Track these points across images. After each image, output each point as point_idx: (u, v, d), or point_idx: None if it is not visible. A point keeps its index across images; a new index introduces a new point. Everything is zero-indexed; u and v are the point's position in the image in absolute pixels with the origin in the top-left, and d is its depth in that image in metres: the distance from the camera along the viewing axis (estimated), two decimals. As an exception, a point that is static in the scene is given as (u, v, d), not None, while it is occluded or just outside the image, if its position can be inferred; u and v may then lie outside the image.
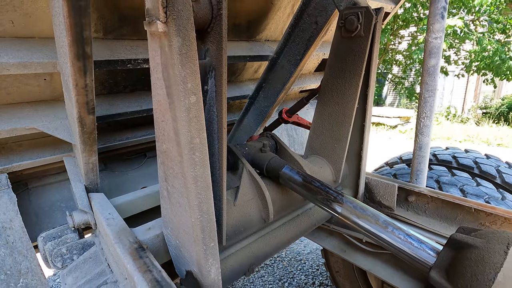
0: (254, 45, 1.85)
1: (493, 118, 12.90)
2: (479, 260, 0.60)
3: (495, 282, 0.56)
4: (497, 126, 9.91)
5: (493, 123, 11.28)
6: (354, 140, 1.31)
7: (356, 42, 1.13)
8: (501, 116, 12.75)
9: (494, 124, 10.78)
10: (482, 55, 10.45)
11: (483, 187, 1.56)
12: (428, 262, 0.70)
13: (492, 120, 11.82)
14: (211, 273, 0.82)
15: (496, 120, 12.42)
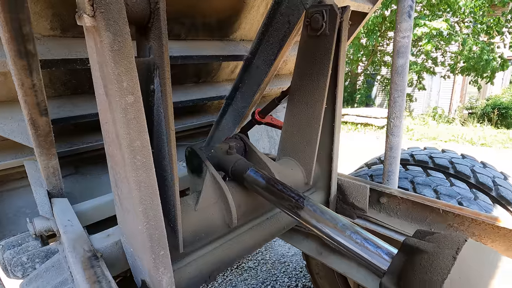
0: (228, 44, 1.81)
1: (478, 118, 13.17)
2: (428, 266, 0.57)
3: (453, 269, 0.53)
4: (481, 126, 10.12)
5: (478, 123, 11.51)
6: (324, 141, 1.29)
7: (322, 41, 1.10)
8: (485, 116, 13.03)
9: (478, 124, 11.00)
10: (467, 55, 10.66)
11: (456, 187, 1.55)
12: (383, 267, 0.67)
13: (477, 121, 12.07)
14: (163, 283, 0.78)
15: (481, 120, 12.69)
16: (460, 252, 0.57)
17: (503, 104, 14.83)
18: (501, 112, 14.16)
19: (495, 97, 16.53)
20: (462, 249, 0.58)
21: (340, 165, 1.39)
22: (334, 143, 1.27)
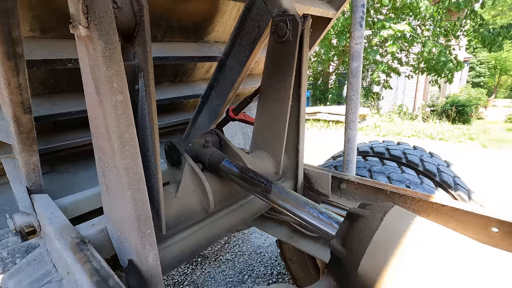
0: (203, 46, 1.92)
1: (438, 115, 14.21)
2: (363, 227, 0.74)
3: (371, 242, 0.69)
4: (440, 123, 10.96)
5: (437, 119, 12.44)
6: (291, 135, 1.44)
7: (286, 47, 1.25)
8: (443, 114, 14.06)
9: (438, 120, 11.88)
10: (427, 57, 11.47)
11: (406, 174, 1.78)
12: (333, 233, 0.83)
13: (437, 117, 13.04)
14: (149, 258, 0.89)
15: (440, 117, 13.71)
16: (387, 214, 0.74)
17: (460, 102, 16.07)
18: (458, 110, 15.35)
19: (454, 96, 17.88)
20: (388, 212, 0.75)
21: (312, 160, 1.55)
22: (300, 137, 1.44)
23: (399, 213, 0.75)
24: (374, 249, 0.69)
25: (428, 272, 0.63)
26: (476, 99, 17.56)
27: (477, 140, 7.27)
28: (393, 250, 0.67)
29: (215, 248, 3.32)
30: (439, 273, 0.62)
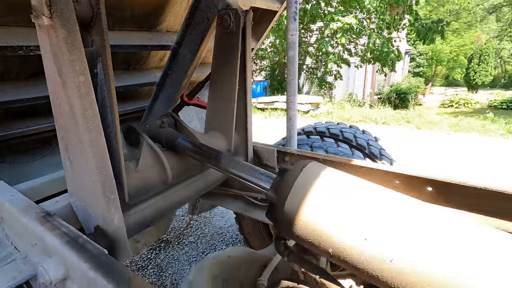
0: (156, 35, 2.01)
1: (383, 102, 15.55)
2: (288, 176, 0.96)
3: (293, 186, 0.92)
4: (384, 108, 12.06)
5: (382, 106, 13.68)
6: (240, 115, 1.64)
7: (231, 37, 1.43)
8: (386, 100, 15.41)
9: (382, 107, 13.03)
10: (372, 48, 12.44)
11: (341, 148, 2.10)
12: (269, 187, 1.05)
13: (382, 104, 14.32)
14: (115, 220, 1.03)
15: (385, 104, 15.05)
16: (306, 167, 0.98)
17: (402, 90, 17.68)
18: (400, 97, 16.92)
19: (397, 84, 19.60)
20: (307, 165, 0.98)
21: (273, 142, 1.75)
22: (248, 117, 1.64)
23: (315, 166, 0.99)
24: (295, 191, 0.92)
25: (331, 201, 0.87)
26: (415, 87, 19.48)
27: (413, 123, 8.25)
28: (308, 190, 0.91)
29: (177, 233, 3.45)
30: (339, 202, 0.86)
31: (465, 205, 1.28)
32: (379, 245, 0.78)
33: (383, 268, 0.78)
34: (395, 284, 0.78)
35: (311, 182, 0.92)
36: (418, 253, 0.74)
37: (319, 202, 0.88)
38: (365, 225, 0.81)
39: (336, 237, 0.85)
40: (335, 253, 0.86)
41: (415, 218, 0.79)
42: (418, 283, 0.74)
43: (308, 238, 0.91)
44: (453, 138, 7.10)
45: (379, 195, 0.87)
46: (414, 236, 0.76)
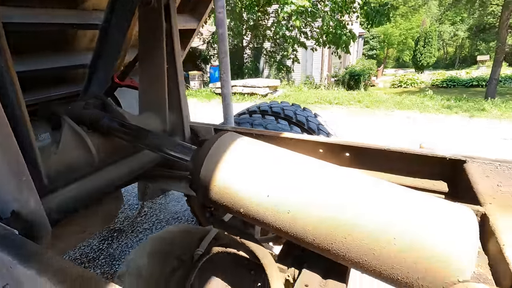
0: (82, 13, 1.89)
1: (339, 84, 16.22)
2: (205, 146, 1.01)
3: (208, 154, 0.97)
4: (338, 90, 12.62)
5: (339, 87, 14.30)
6: (173, 94, 1.64)
7: (154, 14, 1.41)
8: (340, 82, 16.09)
9: (337, 88, 13.61)
10: (326, 30, 12.78)
11: (280, 124, 2.20)
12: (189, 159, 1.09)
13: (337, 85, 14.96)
14: (30, 203, 1.00)
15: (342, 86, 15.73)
16: (221, 137, 1.03)
17: (356, 71, 18.51)
18: (354, 78, 17.75)
19: (351, 67, 20.48)
20: (223, 135, 1.04)
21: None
22: (181, 96, 1.64)
23: (231, 135, 1.05)
24: (209, 159, 0.97)
25: (240, 165, 0.94)
26: (368, 69, 20.52)
27: (363, 102, 8.78)
28: (221, 157, 0.97)
29: (130, 221, 3.40)
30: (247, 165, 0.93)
31: (376, 166, 1.44)
32: (279, 200, 0.87)
33: (284, 219, 0.88)
34: (294, 232, 0.88)
35: (224, 150, 0.98)
36: (310, 203, 0.84)
37: (230, 167, 0.95)
38: (267, 184, 0.89)
39: (245, 197, 0.92)
40: (246, 212, 0.94)
41: (310, 175, 0.89)
42: (312, 228, 0.84)
43: (223, 202, 0.97)
44: (395, 114, 7.73)
45: (282, 158, 0.95)
46: (308, 189, 0.86)
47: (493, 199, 0.93)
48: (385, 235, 0.76)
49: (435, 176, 1.32)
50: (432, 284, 0.72)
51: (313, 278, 0.95)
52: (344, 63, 22.19)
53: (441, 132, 6.53)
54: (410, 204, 0.78)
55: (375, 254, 0.77)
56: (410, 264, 0.73)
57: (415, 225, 0.74)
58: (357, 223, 0.78)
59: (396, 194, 0.82)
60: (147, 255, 1.45)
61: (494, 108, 7.94)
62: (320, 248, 0.86)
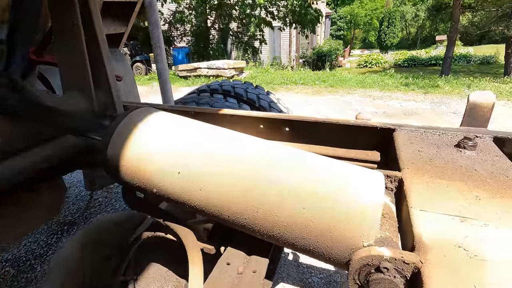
0: (-14, -22, 1.63)
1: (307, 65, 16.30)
2: (113, 123, 0.91)
3: (114, 133, 0.87)
4: (304, 70, 12.68)
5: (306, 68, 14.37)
6: (98, 71, 1.48)
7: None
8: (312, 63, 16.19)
9: (303, 69, 13.68)
10: (292, 9, 12.62)
11: (228, 103, 2.12)
12: (102, 138, 0.98)
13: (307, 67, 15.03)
14: None
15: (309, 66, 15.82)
16: (133, 112, 0.93)
17: (323, 52, 18.67)
18: (322, 59, 17.92)
19: (319, 47, 20.61)
20: (134, 111, 0.94)
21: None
22: (108, 71, 1.49)
23: (144, 110, 0.96)
24: (116, 136, 0.88)
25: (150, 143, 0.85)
26: (335, 49, 20.78)
27: (327, 82, 8.91)
28: (130, 134, 0.87)
29: (82, 213, 3.21)
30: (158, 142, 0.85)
31: (314, 140, 1.42)
32: (190, 177, 0.81)
33: (198, 197, 0.82)
34: (210, 210, 0.82)
35: (133, 126, 0.89)
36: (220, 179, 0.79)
37: (138, 145, 0.86)
38: (178, 161, 0.82)
39: (157, 176, 0.84)
40: (159, 191, 0.87)
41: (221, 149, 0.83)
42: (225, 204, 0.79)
43: (135, 182, 0.89)
44: (357, 92, 7.95)
45: (194, 132, 0.88)
46: (218, 165, 0.80)
47: (411, 164, 0.94)
48: (294, 206, 0.72)
49: (368, 147, 1.32)
50: (340, 251, 0.71)
51: (236, 255, 0.92)
52: (311, 43, 22.27)
53: (397, 108, 6.83)
54: (318, 173, 0.75)
55: (286, 226, 0.74)
56: (318, 233, 0.71)
57: (323, 193, 0.72)
58: (266, 196, 0.74)
59: (305, 163, 0.78)
60: (78, 247, 1.35)
61: (446, 85, 8.42)
62: (236, 224, 0.82)
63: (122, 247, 1.30)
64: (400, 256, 0.62)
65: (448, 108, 6.67)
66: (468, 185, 0.81)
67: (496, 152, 1.01)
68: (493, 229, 0.64)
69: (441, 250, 0.60)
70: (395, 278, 0.62)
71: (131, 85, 2.66)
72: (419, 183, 0.82)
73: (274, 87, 8.72)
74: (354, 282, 0.68)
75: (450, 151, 1.02)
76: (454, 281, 0.54)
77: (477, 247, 0.59)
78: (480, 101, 1.16)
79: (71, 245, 1.36)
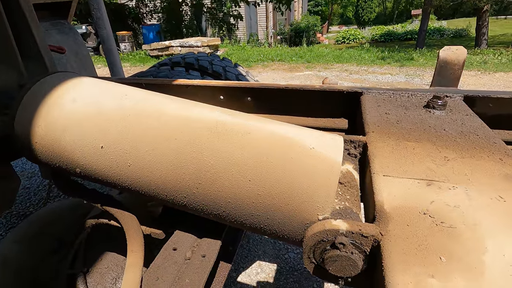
0: None
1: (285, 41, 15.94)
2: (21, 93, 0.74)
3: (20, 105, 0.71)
4: (281, 47, 12.39)
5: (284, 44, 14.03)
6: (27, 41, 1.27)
7: None
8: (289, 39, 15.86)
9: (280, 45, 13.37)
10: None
11: (190, 76, 1.94)
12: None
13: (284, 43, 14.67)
14: None
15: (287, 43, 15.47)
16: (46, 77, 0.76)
17: (301, 28, 18.31)
18: (299, 35, 17.60)
19: (296, 23, 20.17)
20: (48, 76, 0.77)
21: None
22: (38, 41, 1.28)
23: (63, 75, 0.79)
24: (24, 106, 0.71)
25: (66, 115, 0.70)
26: (313, 25, 20.41)
27: (304, 58, 8.74)
28: (41, 106, 0.71)
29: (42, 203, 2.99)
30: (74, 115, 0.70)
31: (279, 109, 1.30)
32: (115, 151, 0.67)
33: (128, 174, 0.68)
34: (145, 189, 0.70)
35: (44, 96, 0.72)
36: (152, 152, 0.65)
37: (52, 117, 0.70)
38: (99, 133, 0.68)
39: (76, 153, 0.70)
40: (84, 171, 0.72)
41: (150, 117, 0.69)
42: (160, 182, 0.67)
43: (54, 162, 0.74)
44: (334, 67, 7.87)
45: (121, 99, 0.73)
46: (148, 136, 0.66)
47: (377, 127, 0.84)
48: (238, 178, 0.61)
49: (336, 114, 1.22)
50: (293, 227, 0.61)
51: (184, 239, 0.81)
52: (289, 20, 21.73)
53: (374, 82, 6.84)
54: (266, 140, 0.64)
55: (231, 203, 0.63)
56: (267, 208, 0.61)
57: (270, 162, 0.60)
58: (206, 170, 0.62)
59: (250, 130, 0.66)
60: (16, 242, 1.20)
61: (421, 57, 8.50)
62: (176, 204, 0.70)
63: (67, 239, 1.16)
64: (357, 229, 0.52)
65: (422, 80, 6.75)
66: (437, 146, 0.73)
67: (467, 111, 0.94)
68: (462, 191, 0.56)
69: (404, 219, 0.51)
70: (352, 255, 0.53)
71: (85, 61, 2.40)
72: (383, 147, 0.73)
73: (251, 64, 8.44)
74: (309, 261, 0.59)
75: (419, 112, 0.94)
76: (417, 253, 0.45)
77: (443, 213, 0.51)
78: (451, 58, 1.07)
79: (9, 240, 1.20)
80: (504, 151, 0.69)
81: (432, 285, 0.40)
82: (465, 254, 0.44)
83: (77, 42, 2.37)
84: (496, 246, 0.45)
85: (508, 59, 8.06)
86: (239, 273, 2.24)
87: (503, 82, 6.26)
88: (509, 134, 1.02)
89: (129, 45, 11.91)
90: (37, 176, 3.53)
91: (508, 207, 0.52)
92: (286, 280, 2.15)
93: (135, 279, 0.68)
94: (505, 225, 0.48)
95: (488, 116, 1.02)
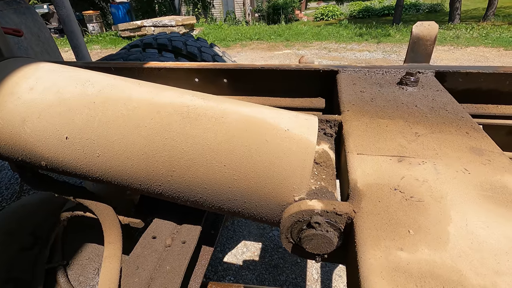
0: None
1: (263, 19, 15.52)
2: None
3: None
4: (260, 25, 12.08)
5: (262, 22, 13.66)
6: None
7: None
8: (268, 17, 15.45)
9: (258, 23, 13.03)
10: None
11: (163, 58, 1.86)
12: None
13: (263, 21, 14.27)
14: None
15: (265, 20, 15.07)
16: None
17: (279, 5, 17.83)
18: (278, 12, 17.17)
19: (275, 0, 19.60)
20: (1, 63, 0.71)
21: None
22: (-11, 22, 1.16)
23: (20, 60, 0.73)
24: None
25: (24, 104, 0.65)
26: (291, 1, 19.91)
27: (283, 36, 8.58)
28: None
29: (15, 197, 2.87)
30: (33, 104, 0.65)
31: (255, 91, 1.28)
32: (82, 141, 0.64)
33: (97, 164, 0.65)
34: (117, 179, 0.67)
35: (-1, 83, 0.66)
36: (122, 140, 0.63)
37: (9, 107, 0.65)
38: (62, 123, 0.64)
39: (40, 145, 0.66)
40: (50, 164, 0.69)
41: (118, 103, 0.65)
42: (132, 171, 0.64)
43: (16, 156, 0.70)
44: (313, 45, 7.81)
45: (84, 86, 0.68)
46: (118, 123, 0.63)
47: (352, 106, 0.85)
48: (212, 164, 0.60)
49: (313, 93, 1.22)
50: (271, 210, 0.62)
51: (163, 227, 0.80)
52: (266, -4, 21.04)
53: (352, 59, 6.87)
54: (239, 123, 0.62)
55: (207, 188, 0.62)
56: (244, 192, 0.60)
57: (244, 146, 0.59)
58: (179, 156, 0.61)
59: (223, 113, 0.64)
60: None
61: (397, 33, 8.58)
62: (152, 192, 0.68)
63: (41, 234, 1.12)
64: (332, 208, 0.53)
65: (398, 57, 6.85)
66: (408, 123, 0.75)
67: (437, 86, 0.97)
68: (430, 166, 0.57)
69: (376, 195, 0.53)
70: (327, 233, 0.55)
71: (48, 44, 2.23)
72: (358, 125, 0.74)
73: (229, 44, 8.20)
74: (287, 241, 0.61)
75: (392, 89, 0.95)
76: (387, 228, 0.47)
77: (413, 188, 0.53)
78: (423, 33, 1.08)
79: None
80: (470, 125, 0.71)
81: (400, 257, 0.42)
82: (431, 226, 0.46)
83: (37, 23, 2.18)
84: (459, 216, 0.47)
85: (479, 33, 8.31)
86: (225, 254, 2.28)
87: (473, 56, 6.47)
88: (476, 108, 1.06)
89: (98, 25, 11.14)
90: (7, 169, 3.36)
91: (472, 178, 0.55)
92: (271, 257, 2.22)
93: (113, 271, 0.67)
94: (469, 196, 0.50)
95: (457, 91, 1.06)
